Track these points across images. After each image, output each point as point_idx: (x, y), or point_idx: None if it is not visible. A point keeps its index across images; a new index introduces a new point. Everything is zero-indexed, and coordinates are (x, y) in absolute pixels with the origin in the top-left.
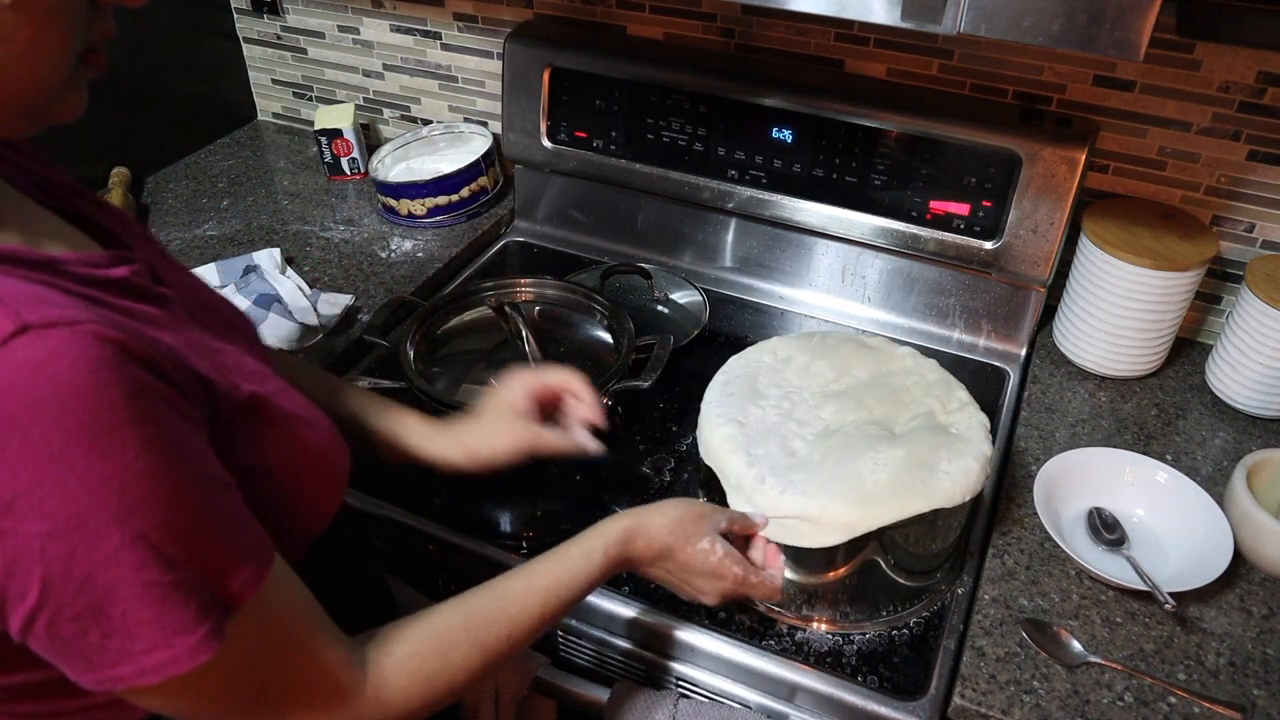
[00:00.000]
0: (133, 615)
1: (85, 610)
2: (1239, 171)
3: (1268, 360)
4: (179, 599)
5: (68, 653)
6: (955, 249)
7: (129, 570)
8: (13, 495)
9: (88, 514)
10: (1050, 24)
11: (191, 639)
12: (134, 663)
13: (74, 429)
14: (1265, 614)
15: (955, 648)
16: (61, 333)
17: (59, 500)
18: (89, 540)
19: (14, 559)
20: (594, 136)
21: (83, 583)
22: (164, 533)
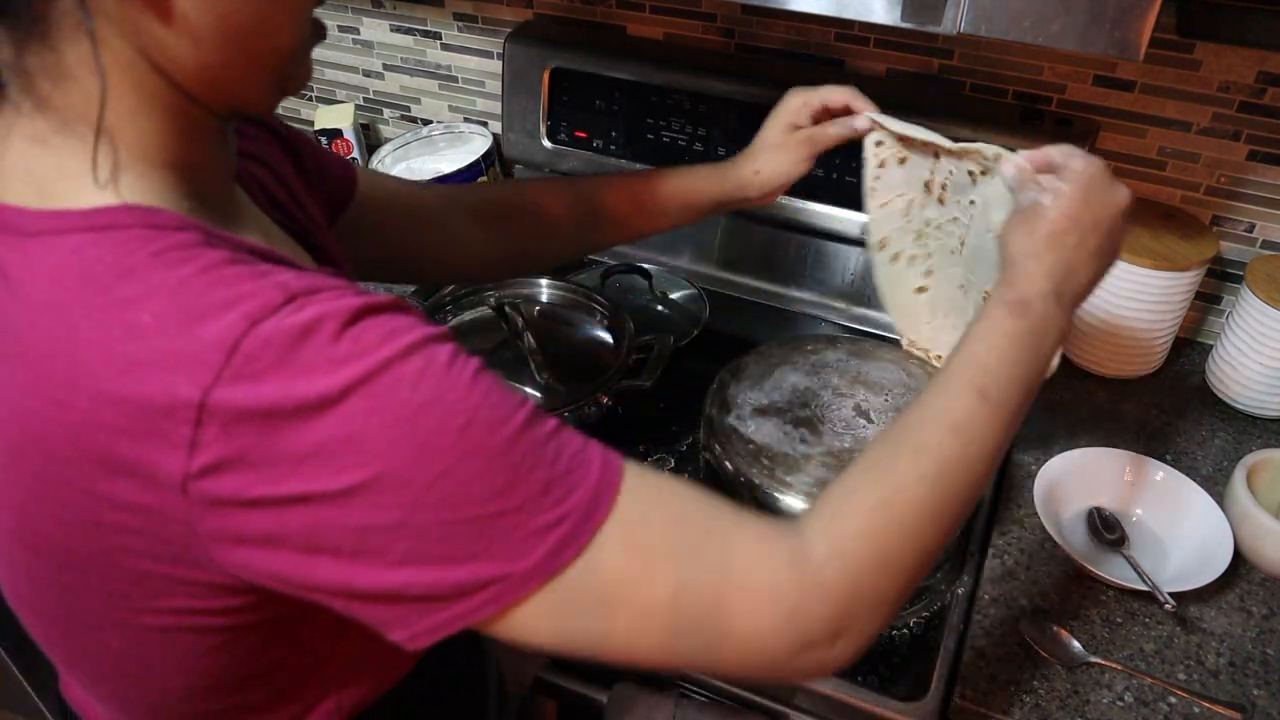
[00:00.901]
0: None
1: (406, 555)
2: (1239, 171)
3: (1268, 360)
4: (509, 525)
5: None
6: None
7: (443, 508)
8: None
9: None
10: (1050, 24)
11: (528, 560)
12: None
13: (352, 379)
14: (1265, 614)
15: (955, 648)
16: (325, 299)
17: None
18: (393, 485)
19: (318, 518)
20: (594, 136)
21: (396, 529)
22: (472, 462)
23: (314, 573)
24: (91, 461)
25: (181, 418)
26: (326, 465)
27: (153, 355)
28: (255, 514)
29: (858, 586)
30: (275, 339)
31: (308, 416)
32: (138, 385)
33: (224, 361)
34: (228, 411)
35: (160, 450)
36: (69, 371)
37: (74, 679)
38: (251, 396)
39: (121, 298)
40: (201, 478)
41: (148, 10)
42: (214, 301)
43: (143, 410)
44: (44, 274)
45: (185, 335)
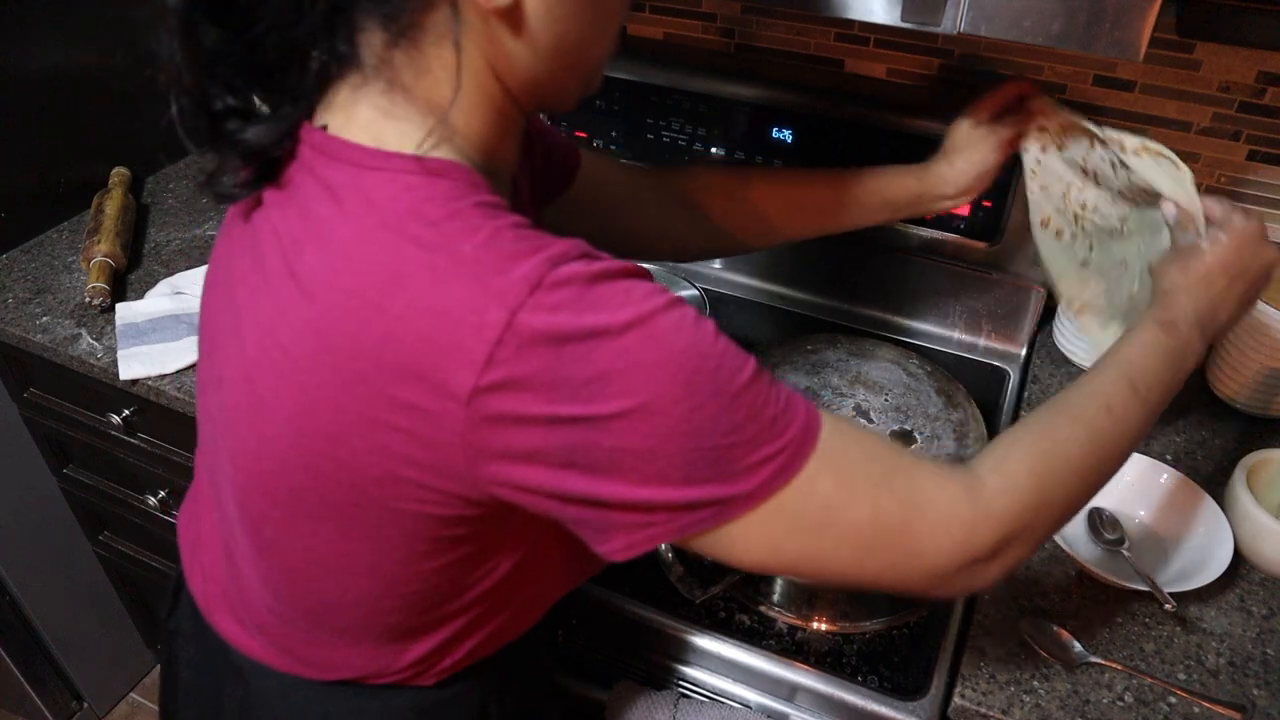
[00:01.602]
0: (694, 471)
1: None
2: (1239, 171)
3: (1268, 360)
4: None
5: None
6: (955, 249)
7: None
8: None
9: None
10: (1050, 24)
11: (753, 481)
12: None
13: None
14: (1265, 614)
15: (955, 648)
16: (605, 259)
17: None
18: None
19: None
20: (594, 136)
21: (649, 454)
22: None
23: (563, 483)
24: (393, 363)
25: (486, 336)
26: (601, 392)
27: (469, 279)
28: (527, 430)
29: (1019, 517)
30: (572, 280)
31: (590, 347)
32: (452, 303)
33: (529, 292)
34: (525, 335)
35: (458, 362)
36: (395, 282)
37: (257, 571)
38: (547, 323)
39: (449, 230)
40: (488, 392)
41: (505, 25)
42: (523, 247)
43: (454, 325)
44: (381, 199)
45: (499, 267)
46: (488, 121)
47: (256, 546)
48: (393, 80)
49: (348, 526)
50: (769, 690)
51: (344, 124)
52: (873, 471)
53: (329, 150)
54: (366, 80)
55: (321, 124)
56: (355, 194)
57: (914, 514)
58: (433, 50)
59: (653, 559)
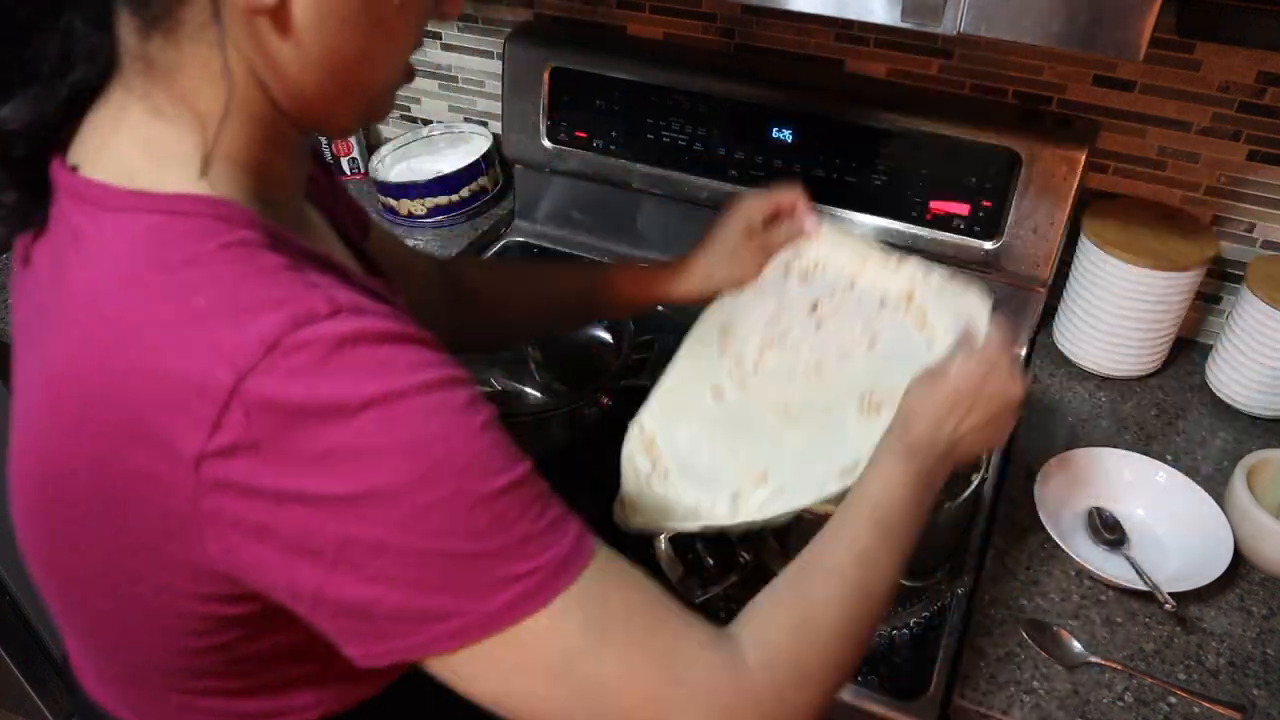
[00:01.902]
0: (428, 582)
1: (381, 574)
2: (1239, 171)
3: (1268, 360)
4: (481, 567)
5: (356, 619)
6: (955, 249)
7: (429, 537)
8: (312, 459)
9: (386, 477)
10: (1050, 24)
11: (491, 605)
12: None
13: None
14: (1265, 614)
15: (955, 648)
16: (371, 319)
17: (357, 465)
18: (386, 504)
19: (309, 519)
20: (594, 136)
21: (379, 547)
22: (460, 501)
23: (292, 572)
24: (123, 423)
25: (212, 398)
26: (331, 471)
27: (199, 337)
28: (254, 502)
29: (783, 696)
30: (313, 343)
31: (325, 421)
32: (179, 361)
33: (262, 354)
34: (255, 400)
35: (185, 425)
36: (122, 337)
37: (70, 635)
38: (280, 391)
39: (183, 279)
40: (215, 457)
41: (272, 28)
42: (265, 299)
43: (179, 385)
44: (118, 245)
45: (233, 324)
46: (254, 138)
47: (62, 614)
48: (149, 86)
49: (121, 600)
50: None
51: (95, 155)
52: (633, 626)
53: (77, 191)
54: (127, 89)
55: (73, 164)
56: (97, 239)
57: (668, 684)
58: (190, 46)
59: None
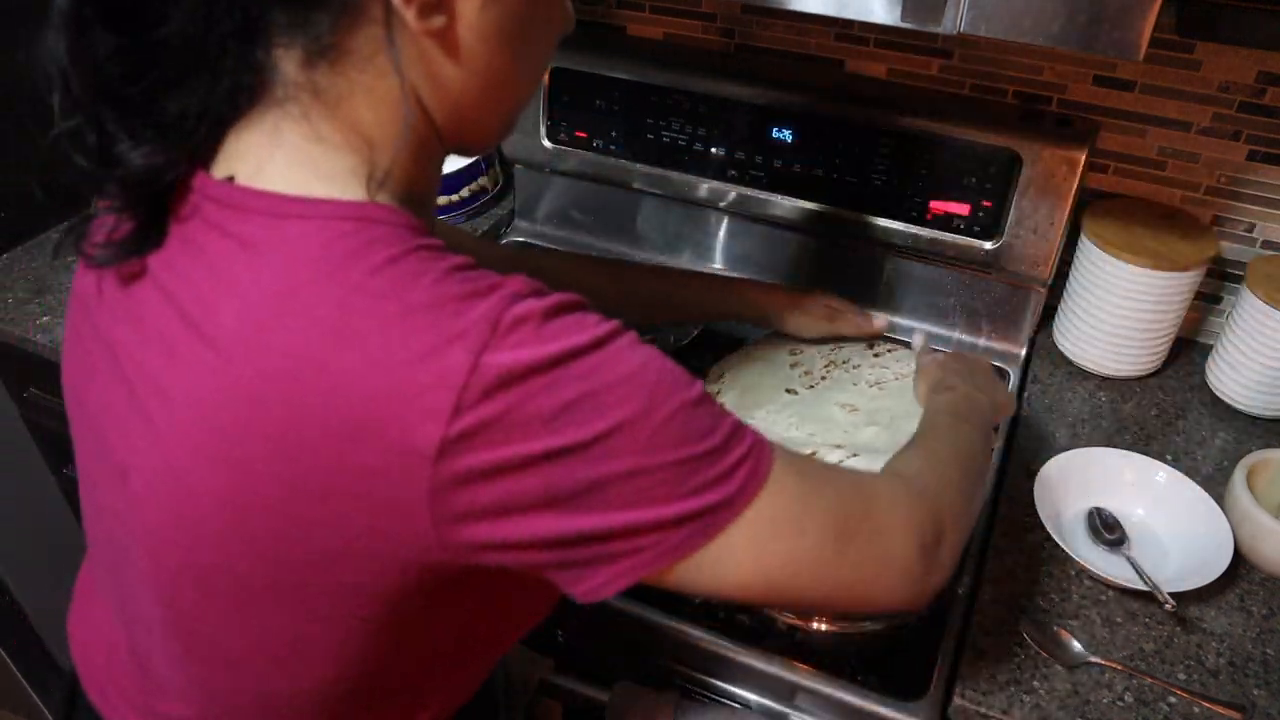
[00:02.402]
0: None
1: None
2: (1239, 171)
3: (1268, 360)
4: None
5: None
6: (955, 249)
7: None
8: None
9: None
10: (1050, 24)
11: (754, 485)
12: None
13: (578, 346)
14: (1265, 614)
15: (955, 648)
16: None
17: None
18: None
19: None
20: (594, 136)
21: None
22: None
23: (542, 527)
24: (343, 424)
25: (451, 382)
26: (571, 420)
27: (425, 325)
28: (500, 481)
29: (938, 500)
30: (529, 317)
31: (555, 378)
32: (408, 351)
33: (490, 333)
34: (491, 377)
35: (421, 415)
36: (336, 335)
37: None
38: (513, 361)
39: (393, 276)
40: (457, 443)
41: (439, 48)
42: (475, 288)
43: (411, 374)
44: (311, 250)
45: (454, 312)
46: (414, 157)
47: (185, 645)
48: (309, 111)
49: (301, 610)
50: (769, 690)
51: (255, 172)
52: (816, 466)
53: (239, 203)
54: (282, 113)
55: (226, 175)
56: (280, 246)
57: (868, 497)
58: (358, 76)
59: None
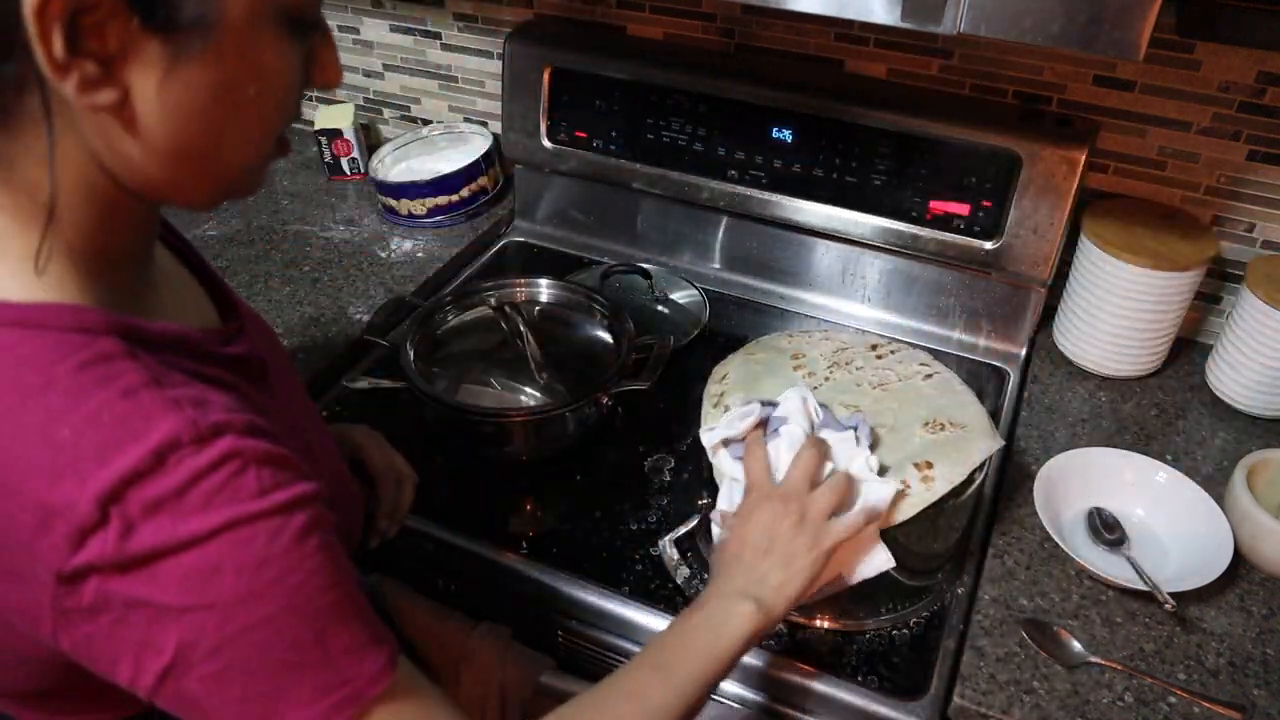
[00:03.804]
0: (251, 689)
1: (213, 676)
2: (1239, 171)
3: (1268, 360)
4: (304, 678)
5: (190, 711)
6: (955, 249)
7: (256, 650)
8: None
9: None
10: (1050, 24)
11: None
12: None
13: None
14: (1265, 614)
15: (955, 648)
16: (226, 441)
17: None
18: (222, 616)
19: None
20: (594, 136)
21: (214, 651)
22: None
23: (136, 666)
24: None
25: (77, 525)
26: (175, 583)
27: (64, 468)
28: (105, 613)
29: None
30: (173, 480)
31: (176, 550)
32: (46, 491)
33: (125, 488)
34: (116, 529)
35: (48, 546)
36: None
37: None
38: (139, 524)
39: (45, 405)
40: (74, 575)
41: (115, 121)
42: (126, 432)
43: (45, 511)
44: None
45: (98, 459)
46: (98, 217)
47: None
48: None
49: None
50: (769, 690)
51: None
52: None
53: None
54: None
55: None
56: None
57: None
58: (33, 140)
59: (656, 560)
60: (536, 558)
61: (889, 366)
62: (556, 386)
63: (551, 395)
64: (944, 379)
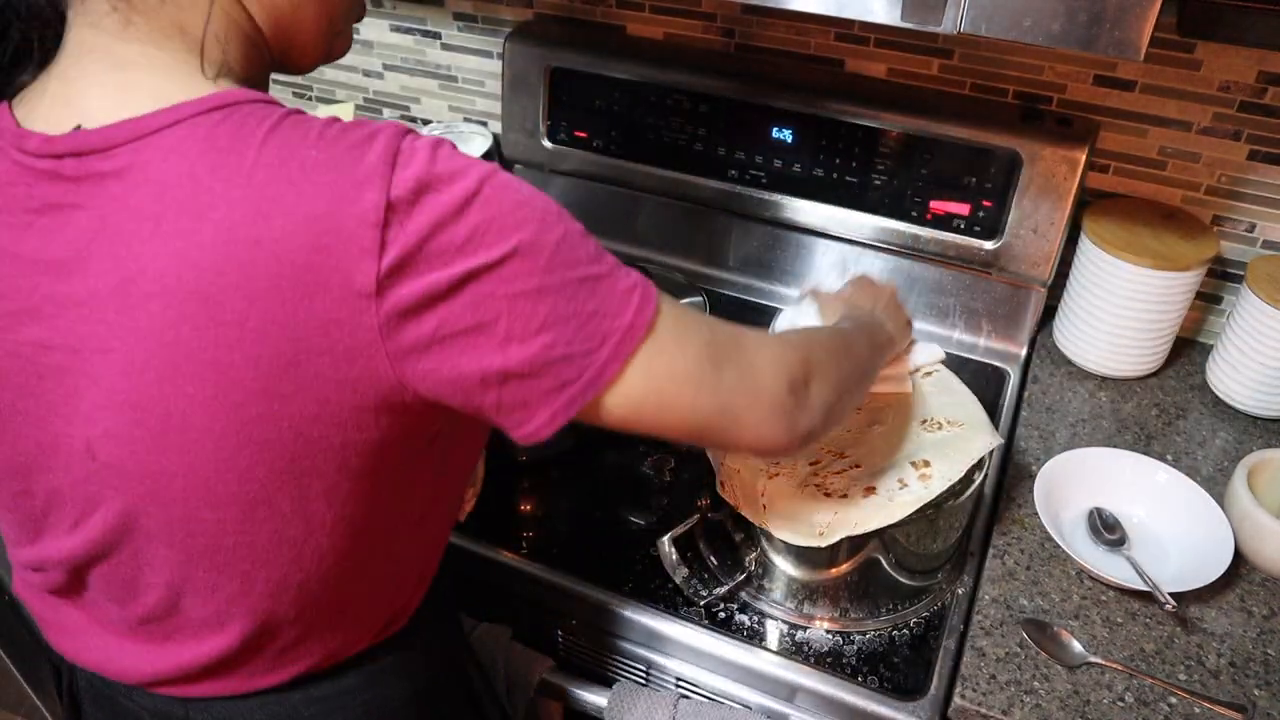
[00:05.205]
0: (587, 303)
1: (549, 316)
2: (1239, 171)
3: (1268, 360)
4: (609, 284)
5: (545, 369)
6: (955, 249)
7: (568, 269)
8: (464, 238)
9: (522, 231)
10: (1050, 24)
11: (635, 301)
12: (616, 332)
13: (478, 174)
14: (1266, 614)
15: (955, 648)
16: (430, 136)
17: (498, 228)
18: (532, 253)
19: (484, 289)
20: (594, 136)
21: (539, 291)
22: (575, 236)
23: (479, 359)
24: (293, 287)
25: (370, 220)
26: (481, 242)
27: (333, 178)
28: (434, 307)
29: (809, 357)
30: (419, 148)
31: (460, 207)
32: (324, 203)
33: (391, 168)
34: (403, 208)
35: (355, 257)
36: (257, 211)
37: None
38: (418, 191)
39: (280, 142)
40: (391, 277)
41: None
42: (359, 135)
43: (335, 223)
44: (193, 149)
45: (353, 158)
46: (246, 56)
47: (209, 567)
48: (130, 22)
49: (302, 492)
50: (769, 690)
51: (96, 108)
52: (683, 306)
53: (97, 145)
54: (99, 32)
55: (74, 125)
56: (154, 161)
57: (736, 333)
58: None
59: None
60: (536, 558)
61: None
62: None
63: None
64: (942, 377)
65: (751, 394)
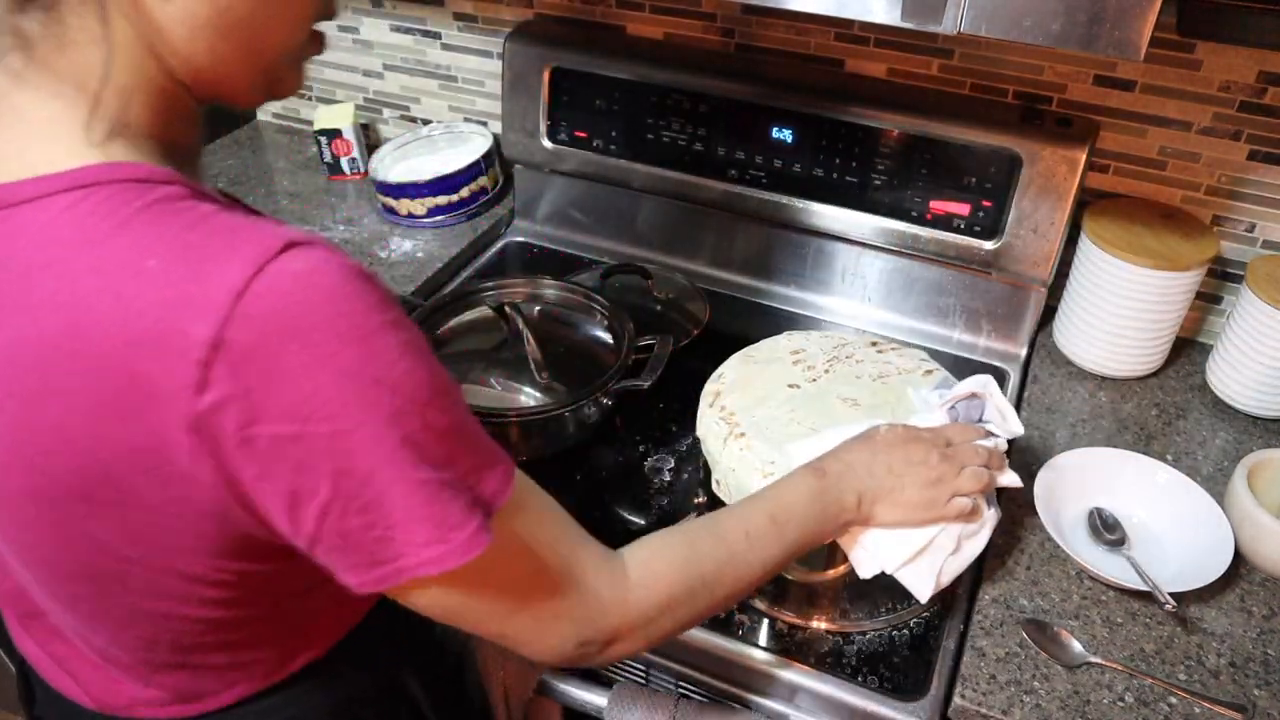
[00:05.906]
0: (411, 511)
1: (370, 504)
2: (1239, 171)
3: (1268, 360)
4: (448, 497)
5: (352, 549)
6: (955, 249)
7: (406, 467)
8: (298, 400)
9: (365, 413)
10: (1050, 24)
11: (464, 533)
12: (415, 555)
13: (345, 332)
14: (1266, 614)
15: (955, 648)
16: (319, 249)
17: (339, 402)
18: (369, 439)
19: (304, 458)
20: (594, 136)
21: (366, 479)
22: (428, 433)
23: (296, 509)
24: (110, 406)
25: (194, 358)
26: (316, 411)
27: (165, 292)
28: (252, 449)
29: (645, 614)
30: (277, 286)
31: (304, 366)
32: (148, 326)
33: (232, 304)
34: (237, 351)
35: (173, 389)
36: (79, 322)
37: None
38: (257, 337)
39: (121, 246)
40: (209, 415)
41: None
42: (216, 247)
43: (158, 352)
44: (36, 236)
45: (197, 274)
46: (158, 110)
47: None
48: (33, 60)
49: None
50: (769, 690)
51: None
52: (556, 521)
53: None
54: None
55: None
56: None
57: (570, 580)
58: (74, 19)
59: None
60: None
61: (889, 359)
62: (556, 386)
63: (551, 395)
64: (943, 376)
65: (535, 643)
